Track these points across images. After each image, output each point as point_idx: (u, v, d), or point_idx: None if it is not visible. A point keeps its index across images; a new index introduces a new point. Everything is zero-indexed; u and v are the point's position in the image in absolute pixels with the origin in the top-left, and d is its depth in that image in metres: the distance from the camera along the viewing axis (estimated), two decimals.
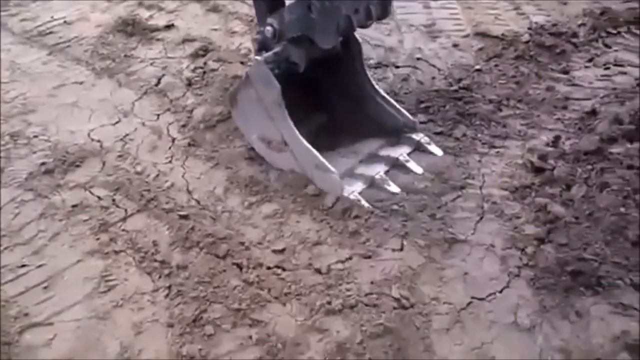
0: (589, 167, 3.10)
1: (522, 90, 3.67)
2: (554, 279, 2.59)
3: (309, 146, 2.95)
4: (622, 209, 2.82)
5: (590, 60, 3.95)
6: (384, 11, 2.83)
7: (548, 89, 3.68)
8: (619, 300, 2.50)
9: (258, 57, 2.97)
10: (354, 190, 2.95)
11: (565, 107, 3.55)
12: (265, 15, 3.03)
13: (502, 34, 4.15)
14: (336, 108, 3.33)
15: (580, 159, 3.16)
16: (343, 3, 2.74)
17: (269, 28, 2.96)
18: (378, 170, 3.06)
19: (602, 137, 3.24)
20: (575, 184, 3.01)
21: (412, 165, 3.11)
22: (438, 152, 3.20)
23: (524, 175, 3.10)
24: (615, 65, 3.90)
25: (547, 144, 3.29)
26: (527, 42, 4.06)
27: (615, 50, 4.01)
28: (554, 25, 4.23)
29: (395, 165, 3.13)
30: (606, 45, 4.08)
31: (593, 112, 3.47)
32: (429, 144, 3.21)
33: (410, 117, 3.25)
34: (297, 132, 2.97)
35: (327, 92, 3.32)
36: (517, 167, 3.15)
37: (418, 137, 3.22)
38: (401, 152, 3.16)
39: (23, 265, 2.67)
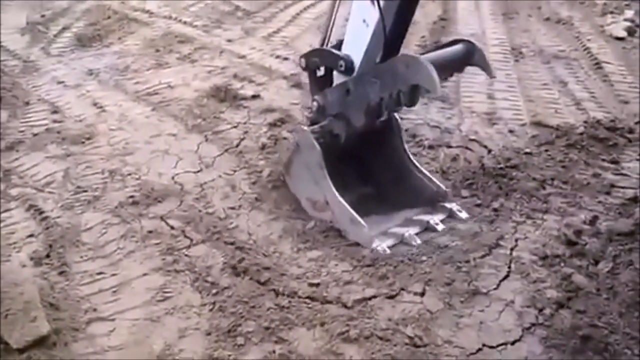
0: (620, 247, 3.26)
1: (568, 173, 3.89)
2: (566, 340, 2.74)
3: (345, 203, 3.34)
4: None
5: None
6: (412, 100, 3.20)
7: (594, 175, 3.88)
8: None
9: (305, 127, 3.52)
10: (382, 244, 3.27)
11: (608, 193, 3.73)
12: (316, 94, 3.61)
13: (558, 125, 4.41)
14: (380, 180, 3.72)
15: (613, 238, 3.32)
16: (372, 90, 3.23)
17: (314, 103, 3.56)
18: (409, 231, 3.36)
19: (637, 221, 3.39)
20: (604, 260, 3.17)
21: (442, 229, 3.39)
22: (464, 216, 3.48)
23: (557, 246, 3.30)
24: None
25: (585, 222, 3.46)
26: (581, 133, 4.30)
27: None
28: (612, 121, 4.45)
29: (427, 229, 3.42)
30: None
31: (634, 200, 3.63)
32: (460, 211, 3.50)
33: (443, 187, 3.57)
34: (335, 191, 3.37)
35: (372, 166, 3.73)
36: (550, 238, 3.36)
37: (450, 205, 3.52)
38: (433, 218, 3.45)
39: (100, 273, 3.16)
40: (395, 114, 3.59)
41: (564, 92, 4.93)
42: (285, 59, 5.40)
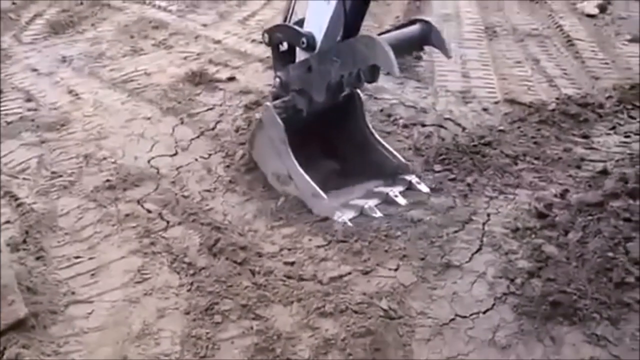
0: (589, 217, 3.32)
1: (540, 149, 3.96)
2: (536, 307, 2.81)
3: (307, 177, 3.43)
4: (610, 254, 3.02)
5: (612, 128, 4.21)
6: (373, 76, 3.31)
7: (565, 150, 3.95)
8: (593, 331, 2.70)
9: (268, 104, 3.57)
10: (343, 215, 3.35)
11: (579, 167, 3.80)
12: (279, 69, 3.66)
13: (530, 102, 4.48)
14: (344, 155, 3.80)
15: (582, 209, 3.38)
16: (333, 69, 3.29)
17: (277, 79, 3.61)
18: (368, 203, 3.44)
19: (606, 192, 3.46)
20: (573, 230, 3.24)
21: (400, 199, 3.49)
22: (425, 189, 3.57)
23: (528, 219, 3.36)
24: (637, 134, 4.12)
25: (555, 195, 3.53)
26: (553, 109, 4.37)
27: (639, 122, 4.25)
28: (583, 97, 4.53)
29: (387, 201, 3.50)
30: (630, 117, 4.33)
31: (604, 172, 3.70)
32: (419, 183, 3.59)
33: (404, 160, 3.66)
34: (298, 165, 3.45)
35: (335, 141, 3.81)
36: (522, 212, 3.42)
37: (410, 178, 3.61)
38: (393, 190, 3.54)
39: (77, 257, 3.17)
40: (358, 90, 3.66)
41: (536, 70, 5.01)
42: (261, 42, 5.37)
